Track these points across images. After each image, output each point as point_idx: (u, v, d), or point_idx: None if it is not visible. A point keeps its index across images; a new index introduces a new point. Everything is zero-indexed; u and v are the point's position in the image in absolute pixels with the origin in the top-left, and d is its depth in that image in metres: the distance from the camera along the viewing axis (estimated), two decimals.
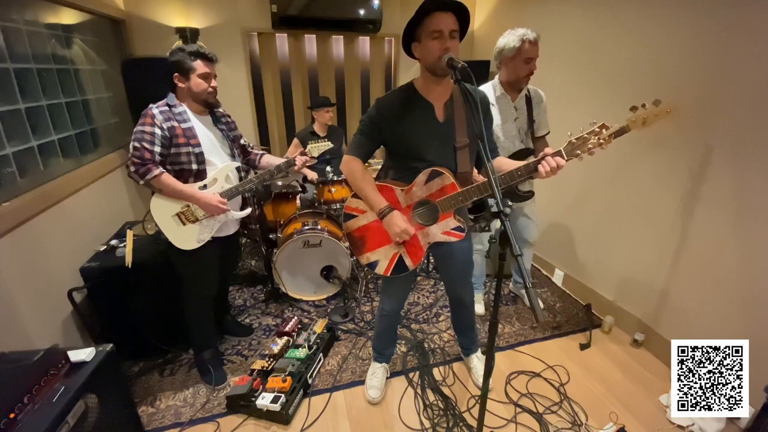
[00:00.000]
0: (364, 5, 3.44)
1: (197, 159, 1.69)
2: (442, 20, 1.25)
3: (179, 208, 1.70)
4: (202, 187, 1.71)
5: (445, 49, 1.25)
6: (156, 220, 1.69)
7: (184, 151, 1.65)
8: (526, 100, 2.00)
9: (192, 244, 1.72)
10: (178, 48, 1.65)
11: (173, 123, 1.63)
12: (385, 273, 1.59)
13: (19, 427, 1.06)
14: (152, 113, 1.60)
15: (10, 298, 1.64)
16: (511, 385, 1.93)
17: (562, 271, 2.80)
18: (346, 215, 1.60)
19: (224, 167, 1.76)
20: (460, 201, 1.40)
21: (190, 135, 1.66)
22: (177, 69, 1.64)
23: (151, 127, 1.59)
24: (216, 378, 1.92)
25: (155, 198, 1.68)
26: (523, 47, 1.82)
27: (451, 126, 1.41)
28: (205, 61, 1.65)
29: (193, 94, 1.67)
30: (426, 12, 1.26)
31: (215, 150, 1.76)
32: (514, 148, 2.01)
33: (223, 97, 3.34)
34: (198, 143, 1.68)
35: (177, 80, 1.65)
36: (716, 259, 1.83)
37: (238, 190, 1.77)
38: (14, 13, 1.92)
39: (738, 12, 1.63)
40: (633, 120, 1.44)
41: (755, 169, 1.64)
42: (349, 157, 1.48)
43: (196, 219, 1.72)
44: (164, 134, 1.61)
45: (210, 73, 1.68)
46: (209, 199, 1.68)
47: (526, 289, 0.95)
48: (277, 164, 1.86)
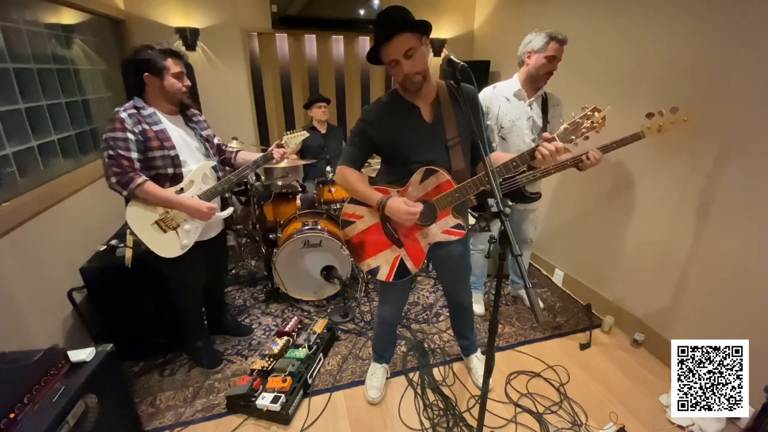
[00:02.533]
0: (364, 5, 3.44)
1: (173, 162, 1.61)
2: (391, 50, 1.26)
3: (158, 215, 1.62)
4: (179, 190, 1.65)
5: (405, 75, 1.29)
6: (134, 231, 1.62)
7: (159, 155, 1.58)
8: (542, 101, 1.99)
9: (175, 251, 1.66)
10: (146, 46, 1.56)
11: (144, 126, 1.55)
12: (387, 278, 1.57)
13: (19, 427, 1.06)
14: (120, 117, 1.51)
15: (10, 298, 1.64)
16: (511, 385, 1.93)
17: (562, 271, 2.80)
18: (344, 222, 1.59)
19: (200, 167, 1.69)
20: (458, 198, 1.39)
21: (163, 138, 1.59)
22: (148, 68, 1.55)
23: (122, 132, 1.50)
24: (210, 361, 1.92)
25: (131, 207, 1.60)
26: (550, 44, 1.82)
27: (440, 125, 1.41)
28: (176, 60, 1.58)
29: (166, 94, 1.60)
30: (377, 46, 1.28)
31: (190, 151, 1.70)
32: (524, 146, 1.98)
33: (223, 97, 3.40)
34: (172, 146, 1.61)
35: (148, 80, 1.57)
36: (716, 259, 1.83)
37: (217, 190, 1.71)
38: (14, 13, 1.91)
39: (743, 11, 1.63)
40: (648, 127, 1.42)
41: (756, 168, 1.63)
42: (341, 167, 1.48)
43: (177, 225, 1.66)
44: (137, 138, 1.53)
45: (183, 72, 1.61)
46: (199, 206, 1.63)
47: (526, 289, 0.95)
48: (254, 159, 1.81)
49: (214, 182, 1.75)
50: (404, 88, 1.36)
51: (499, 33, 3.45)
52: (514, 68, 2.04)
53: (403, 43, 1.24)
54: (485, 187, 1.35)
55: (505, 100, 1.96)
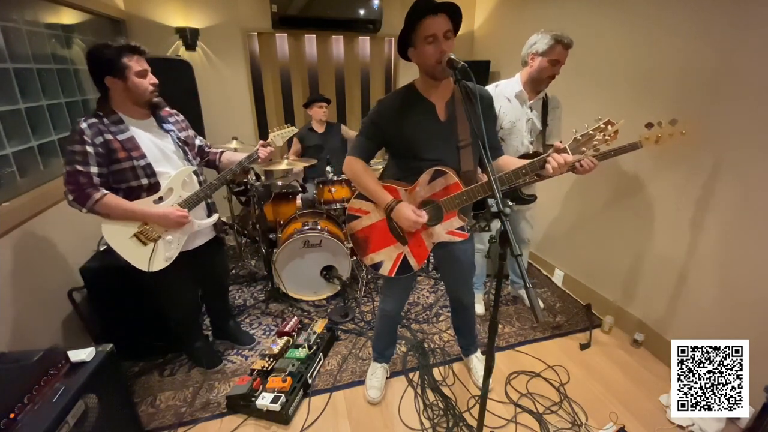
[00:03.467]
0: (364, 5, 3.44)
1: (145, 172, 1.49)
2: (434, 24, 1.23)
3: (135, 228, 1.52)
4: (157, 200, 1.53)
5: (442, 52, 1.24)
6: (113, 247, 1.51)
7: (127, 166, 1.45)
8: (543, 104, 1.98)
9: (158, 264, 1.56)
10: (100, 45, 1.39)
11: (106, 136, 1.42)
12: (390, 273, 1.59)
13: (19, 427, 1.06)
14: (80, 128, 1.38)
15: (11, 298, 1.64)
16: (511, 385, 1.93)
17: (562, 271, 2.80)
18: (350, 216, 1.60)
19: (178, 174, 1.57)
20: (465, 200, 1.39)
21: (130, 147, 1.45)
22: (108, 70, 1.39)
23: (80, 145, 1.38)
24: (210, 361, 1.90)
25: (105, 222, 1.50)
26: (555, 47, 1.78)
27: (453, 125, 1.41)
28: (138, 56, 1.44)
29: (133, 96, 1.46)
30: (417, 17, 1.24)
31: (165, 157, 1.57)
32: (522, 148, 1.98)
33: (223, 97, 3.40)
34: (142, 155, 1.48)
35: (110, 84, 1.42)
36: (716, 259, 1.83)
37: (199, 197, 1.61)
38: (14, 13, 1.92)
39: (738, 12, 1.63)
40: (647, 137, 1.42)
41: (756, 169, 1.64)
42: (351, 158, 1.48)
43: (158, 237, 1.55)
44: (97, 151, 1.40)
45: (147, 69, 1.47)
46: (167, 214, 1.51)
47: (526, 289, 0.95)
48: (239, 160, 1.72)
49: (195, 188, 1.64)
50: (430, 72, 1.33)
51: (499, 33, 3.45)
52: (513, 68, 2.04)
53: (446, 23, 1.24)
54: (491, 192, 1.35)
55: (506, 101, 1.96)
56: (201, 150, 1.83)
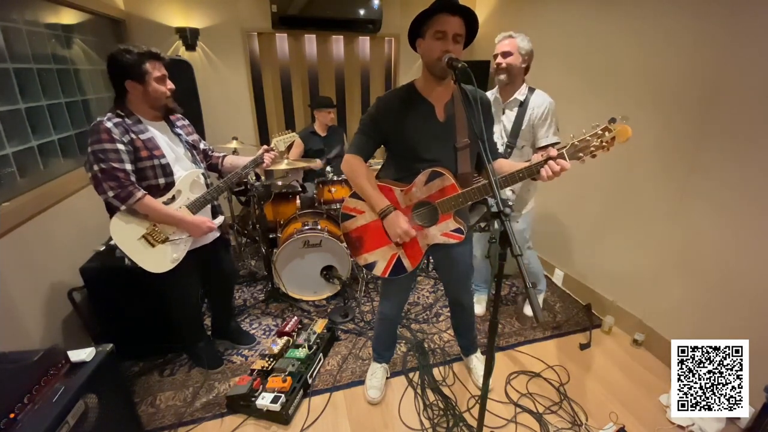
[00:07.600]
0: (364, 5, 3.44)
1: (164, 172, 1.53)
2: (447, 22, 1.25)
3: (144, 229, 1.54)
4: (167, 201, 1.56)
5: (445, 51, 1.25)
6: (120, 247, 1.52)
7: (149, 164, 1.49)
8: (519, 105, 1.93)
9: (166, 266, 1.59)
10: (123, 50, 1.45)
11: (131, 135, 1.46)
12: (383, 274, 1.59)
13: (19, 427, 1.06)
14: (106, 127, 1.41)
15: (10, 298, 1.64)
16: (511, 385, 1.93)
17: (562, 271, 2.80)
18: (344, 215, 1.59)
19: (188, 175, 1.61)
20: (461, 202, 1.39)
21: (152, 146, 1.50)
22: (129, 74, 1.45)
23: (111, 143, 1.40)
24: (211, 362, 1.91)
25: (116, 221, 1.51)
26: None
27: (451, 126, 1.41)
28: (159, 63, 1.50)
29: (150, 100, 1.51)
30: (434, 11, 1.26)
31: (177, 159, 1.62)
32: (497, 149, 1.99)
33: (223, 97, 3.40)
34: (162, 154, 1.52)
35: (130, 87, 1.47)
36: (716, 259, 1.83)
37: (206, 199, 1.63)
38: (14, 13, 1.92)
39: (737, 15, 1.63)
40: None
41: (755, 169, 1.64)
42: (350, 155, 1.48)
43: (165, 238, 1.57)
44: (128, 149, 1.44)
45: (165, 75, 1.53)
46: (199, 224, 1.57)
47: (527, 289, 0.95)
48: (244, 164, 1.74)
49: (202, 190, 1.67)
50: (431, 68, 1.33)
51: (499, 33, 3.44)
52: None
53: (459, 26, 1.26)
54: (489, 195, 1.35)
55: None
56: (205, 153, 1.86)
